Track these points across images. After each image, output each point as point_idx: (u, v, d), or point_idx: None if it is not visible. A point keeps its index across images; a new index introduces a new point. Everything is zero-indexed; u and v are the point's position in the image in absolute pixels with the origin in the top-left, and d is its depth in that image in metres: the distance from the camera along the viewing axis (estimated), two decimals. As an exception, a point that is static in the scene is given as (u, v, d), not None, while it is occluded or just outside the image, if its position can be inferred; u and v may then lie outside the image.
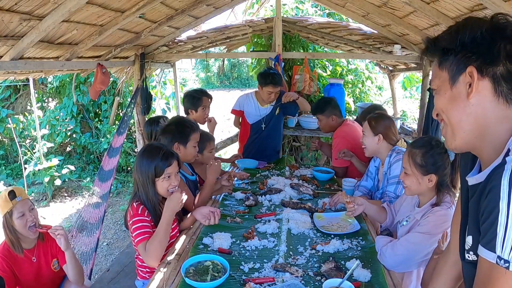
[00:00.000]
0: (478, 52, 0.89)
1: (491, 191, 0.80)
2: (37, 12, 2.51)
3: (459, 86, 0.93)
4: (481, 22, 0.89)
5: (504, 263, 0.76)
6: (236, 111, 3.87)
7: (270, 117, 3.73)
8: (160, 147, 2.06)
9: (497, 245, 0.76)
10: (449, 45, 0.93)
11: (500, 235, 0.76)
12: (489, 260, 0.79)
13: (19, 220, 2.08)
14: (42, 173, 5.97)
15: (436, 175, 1.77)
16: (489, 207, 0.80)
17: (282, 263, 1.76)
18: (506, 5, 2.40)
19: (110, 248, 4.56)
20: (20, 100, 7.43)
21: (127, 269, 3.18)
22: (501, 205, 0.76)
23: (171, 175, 2.01)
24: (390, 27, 4.34)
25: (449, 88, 0.95)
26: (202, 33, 5.09)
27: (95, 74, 3.86)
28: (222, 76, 19.97)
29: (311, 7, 6.86)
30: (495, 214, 0.77)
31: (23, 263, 2.17)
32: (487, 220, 0.80)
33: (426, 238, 1.71)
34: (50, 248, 2.28)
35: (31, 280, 2.20)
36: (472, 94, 0.90)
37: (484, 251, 0.81)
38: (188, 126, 2.52)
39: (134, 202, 1.99)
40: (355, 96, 6.57)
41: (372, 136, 2.53)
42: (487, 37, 0.87)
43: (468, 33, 0.89)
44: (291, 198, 2.64)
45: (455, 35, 0.92)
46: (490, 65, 0.87)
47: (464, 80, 0.91)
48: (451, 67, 0.94)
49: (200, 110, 3.29)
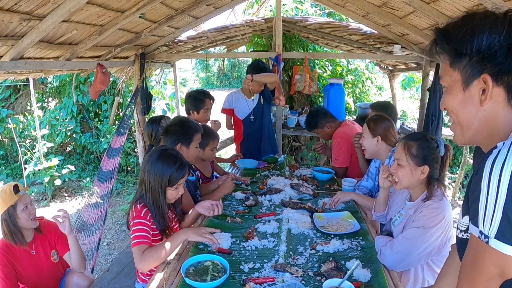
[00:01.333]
0: (494, 61, 0.87)
1: (478, 172, 0.86)
2: (37, 12, 2.51)
3: (472, 90, 0.91)
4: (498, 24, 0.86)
5: (485, 238, 0.82)
6: (226, 109, 3.89)
7: (258, 108, 3.81)
8: (176, 155, 2.02)
9: (479, 221, 0.83)
10: (464, 49, 0.90)
11: (481, 212, 0.82)
12: (474, 235, 0.85)
13: (23, 213, 2.14)
14: (42, 173, 5.98)
15: (429, 167, 1.82)
16: (474, 186, 0.86)
17: (282, 263, 1.76)
18: (506, 5, 2.40)
19: (110, 248, 4.56)
20: (20, 100, 7.43)
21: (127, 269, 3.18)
22: (482, 184, 0.82)
23: (180, 185, 2.01)
24: (390, 27, 4.34)
25: (461, 90, 0.94)
26: (202, 33, 5.09)
27: (95, 74, 3.86)
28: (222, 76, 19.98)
29: (310, 7, 6.86)
30: (477, 192, 0.84)
31: (22, 257, 2.20)
32: (471, 198, 0.87)
33: (422, 232, 1.72)
34: (48, 240, 2.31)
35: (32, 273, 2.23)
36: (485, 102, 0.89)
37: (471, 226, 0.87)
38: (192, 127, 2.50)
39: (138, 203, 1.96)
40: (355, 96, 6.58)
41: (371, 138, 2.54)
42: (504, 45, 0.85)
43: (485, 39, 0.87)
44: (291, 198, 2.64)
45: (471, 39, 0.88)
46: (506, 74, 0.87)
47: (477, 85, 0.90)
48: (465, 69, 0.92)
49: (201, 112, 3.28)
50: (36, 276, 2.25)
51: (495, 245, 0.80)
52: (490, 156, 0.84)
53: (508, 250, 0.79)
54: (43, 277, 2.29)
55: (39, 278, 2.27)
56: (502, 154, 0.82)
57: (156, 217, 1.95)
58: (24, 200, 2.15)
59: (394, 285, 1.63)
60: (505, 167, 0.79)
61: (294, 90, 5.18)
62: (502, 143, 0.85)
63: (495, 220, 0.79)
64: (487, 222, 0.81)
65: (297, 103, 5.74)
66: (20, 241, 2.18)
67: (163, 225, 1.97)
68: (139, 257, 1.81)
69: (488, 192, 0.81)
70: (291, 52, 5.19)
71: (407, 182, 1.87)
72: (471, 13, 0.93)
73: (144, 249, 1.84)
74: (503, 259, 0.81)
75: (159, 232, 1.97)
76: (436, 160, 1.84)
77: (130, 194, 6.16)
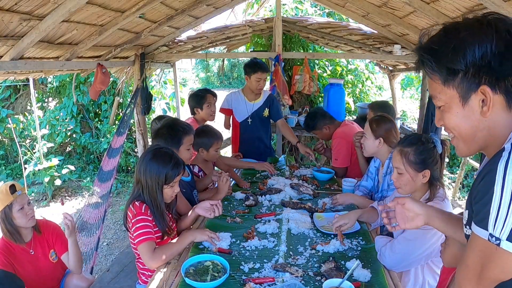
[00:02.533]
0: (490, 70, 0.85)
1: (487, 174, 0.84)
2: (37, 12, 2.51)
3: (472, 104, 0.90)
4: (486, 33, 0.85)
5: (496, 240, 0.81)
6: (225, 109, 3.82)
7: (257, 113, 3.72)
8: (171, 154, 2.02)
9: (490, 224, 0.82)
10: (456, 66, 0.88)
11: (493, 215, 0.81)
12: (481, 237, 0.84)
13: (19, 213, 2.14)
14: (42, 173, 5.97)
15: (430, 170, 1.79)
16: (484, 188, 0.84)
17: (282, 263, 1.76)
18: (506, 5, 2.40)
19: (110, 248, 4.56)
20: (20, 100, 7.43)
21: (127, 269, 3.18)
22: (496, 188, 0.81)
23: (176, 183, 2.01)
24: (390, 27, 4.34)
25: (460, 106, 0.92)
26: (202, 33, 5.09)
27: (95, 74, 3.86)
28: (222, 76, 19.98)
29: (310, 7, 6.87)
30: (489, 195, 0.82)
31: (21, 257, 2.21)
32: (481, 200, 0.84)
33: (423, 233, 1.72)
34: (46, 240, 2.31)
35: (31, 273, 2.24)
36: (488, 113, 0.88)
37: (478, 229, 0.86)
38: (181, 129, 2.43)
39: (136, 201, 1.95)
40: (355, 96, 6.58)
41: (373, 139, 2.50)
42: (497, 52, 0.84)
43: (477, 51, 0.85)
44: (291, 198, 2.64)
45: (463, 54, 0.87)
46: (503, 80, 0.86)
47: (476, 97, 0.89)
48: (461, 85, 0.90)
49: (205, 108, 3.35)
50: (36, 276, 2.25)
51: (507, 247, 0.80)
52: (501, 159, 0.82)
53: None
54: (42, 277, 2.29)
55: (38, 278, 2.27)
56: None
57: (155, 215, 1.95)
58: (21, 200, 2.14)
59: (394, 285, 1.63)
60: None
61: (294, 90, 5.18)
62: (510, 144, 0.84)
63: (508, 223, 0.79)
64: (499, 224, 0.80)
65: (297, 103, 5.74)
66: (19, 240, 2.19)
67: (163, 224, 1.97)
68: (151, 254, 1.81)
69: (502, 195, 0.80)
70: (291, 52, 5.19)
71: (410, 188, 1.84)
72: (452, 26, 0.92)
73: (153, 246, 1.84)
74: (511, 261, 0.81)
75: (160, 230, 1.97)
76: (435, 161, 1.81)
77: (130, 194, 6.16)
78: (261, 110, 3.72)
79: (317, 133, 3.43)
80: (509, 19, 0.87)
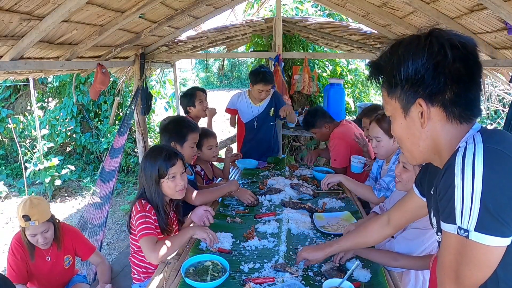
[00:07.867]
0: (423, 84, 0.91)
1: (446, 170, 0.87)
2: (37, 12, 2.51)
3: (412, 115, 0.97)
4: (420, 48, 0.90)
5: (464, 232, 0.82)
6: (230, 109, 3.88)
7: (263, 116, 3.74)
8: (162, 148, 2.07)
9: (457, 217, 0.83)
10: (394, 79, 0.95)
11: (458, 208, 0.83)
12: (451, 233, 0.85)
13: (32, 237, 2.16)
14: (42, 173, 5.98)
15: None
16: (446, 184, 0.86)
17: (282, 263, 1.76)
18: (506, 5, 2.40)
19: (110, 248, 4.56)
20: (20, 100, 7.43)
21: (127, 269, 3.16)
22: (456, 181, 0.83)
23: (176, 175, 2.01)
24: (390, 27, 4.34)
25: (402, 117, 0.99)
26: (202, 33, 5.09)
27: (95, 74, 3.86)
28: (222, 76, 19.98)
29: (311, 7, 6.86)
30: (451, 190, 0.84)
31: (37, 259, 2.24)
32: (444, 197, 0.87)
33: (422, 233, 1.71)
34: (63, 246, 2.32)
35: (44, 275, 2.28)
36: (425, 124, 0.94)
37: (446, 226, 0.87)
38: (186, 126, 2.50)
39: (142, 200, 1.99)
40: (355, 96, 6.58)
41: (387, 139, 2.41)
42: (429, 67, 0.89)
43: (410, 66, 0.91)
44: (291, 198, 2.64)
45: (398, 68, 0.93)
46: (438, 94, 0.91)
47: (416, 109, 0.95)
48: (401, 97, 0.97)
49: (198, 105, 3.40)
50: (47, 278, 2.29)
51: (476, 238, 0.81)
52: (458, 153, 0.86)
53: (489, 241, 0.80)
54: (52, 279, 2.33)
55: (49, 280, 2.31)
56: (469, 149, 0.84)
57: (159, 214, 1.98)
58: (34, 230, 2.13)
59: (394, 285, 1.63)
60: (476, 159, 0.82)
61: (293, 90, 5.18)
62: (465, 141, 0.88)
63: (474, 213, 0.80)
64: (465, 216, 0.81)
65: (297, 103, 5.74)
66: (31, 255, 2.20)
67: (162, 222, 1.99)
68: (152, 247, 1.81)
69: (463, 186, 0.81)
70: (291, 52, 5.19)
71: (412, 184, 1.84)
72: (398, 41, 0.98)
73: (155, 240, 1.85)
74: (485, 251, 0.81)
75: (159, 227, 1.99)
76: None
77: (130, 194, 6.16)
78: (266, 111, 3.74)
79: (316, 132, 3.41)
80: (450, 35, 0.90)
